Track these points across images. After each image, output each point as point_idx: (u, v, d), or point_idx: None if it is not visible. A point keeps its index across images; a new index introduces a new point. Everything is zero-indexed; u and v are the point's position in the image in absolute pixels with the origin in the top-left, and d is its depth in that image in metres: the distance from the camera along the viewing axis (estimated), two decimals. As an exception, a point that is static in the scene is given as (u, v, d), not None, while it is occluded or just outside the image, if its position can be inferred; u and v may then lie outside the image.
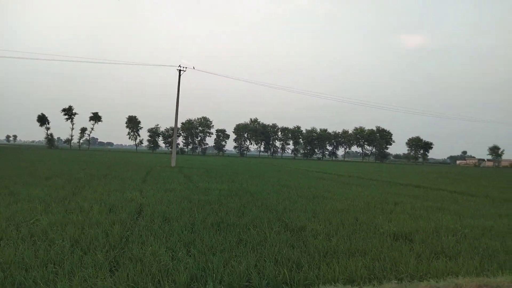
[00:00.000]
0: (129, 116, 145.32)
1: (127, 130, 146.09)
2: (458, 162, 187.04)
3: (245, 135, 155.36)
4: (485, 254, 6.94)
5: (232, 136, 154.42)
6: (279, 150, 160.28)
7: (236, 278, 4.91)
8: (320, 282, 5.00)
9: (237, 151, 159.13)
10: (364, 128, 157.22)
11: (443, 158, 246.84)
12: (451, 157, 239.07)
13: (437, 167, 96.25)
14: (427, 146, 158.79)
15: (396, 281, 5.19)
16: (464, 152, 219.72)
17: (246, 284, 4.91)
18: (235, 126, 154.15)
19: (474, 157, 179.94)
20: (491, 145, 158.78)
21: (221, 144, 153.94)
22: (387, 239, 7.72)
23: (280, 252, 6.20)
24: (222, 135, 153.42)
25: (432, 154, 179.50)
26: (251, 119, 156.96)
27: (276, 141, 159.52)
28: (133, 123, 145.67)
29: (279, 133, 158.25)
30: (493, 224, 9.99)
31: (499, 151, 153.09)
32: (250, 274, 5.11)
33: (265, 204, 11.74)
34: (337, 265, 5.64)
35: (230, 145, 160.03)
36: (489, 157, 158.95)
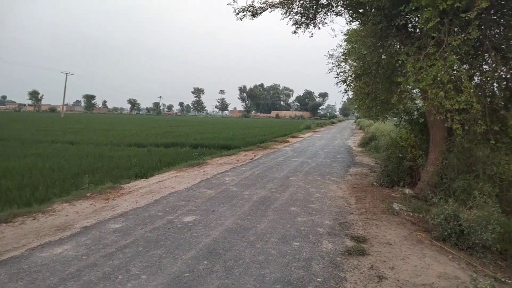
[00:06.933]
0: None
1: None
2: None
3: None
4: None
5: None
6: None
7: None
8: None
9: None
10: None
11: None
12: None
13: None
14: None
15: None
16: (4, 97, 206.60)
17: None
18: None
19: (15, 102, 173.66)
20: (31, 89, 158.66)
21: None
22: None
23: None
24: None
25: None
26: None
27: None
28: None
29: None
30: (16, 165, 10.15)
31: (39, 96, 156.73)
32: None
33: None
34: None
35: None
36: (30, 101, 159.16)
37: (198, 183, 9.19)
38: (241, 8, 8.88)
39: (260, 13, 8.92)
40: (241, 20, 8.97)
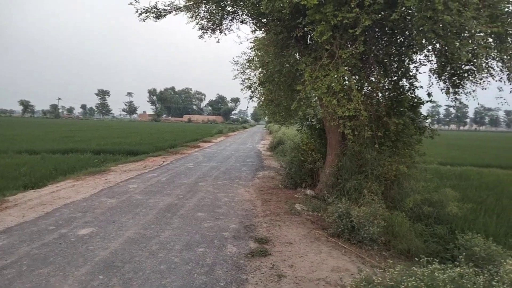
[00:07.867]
0: None
1: None
2: None
3: None
4: None
5: None
6: None
7: None
8: None
9: None
10: None
11: None
12: None
13: None
14: None
15: None
16: None
17: None
18: None
19: None
20: None
21: None
22: None
23: None
24: None
25: None
26: None
27: None
28: None
29: None
30: None
31: None
32: None
33: None
34: None
35: None
36: None
37: (99, 192, 8.58)
38: (143, 9, 8.57)
39: (165, 15, 8.71)
40: (144, 21, 8.66)
